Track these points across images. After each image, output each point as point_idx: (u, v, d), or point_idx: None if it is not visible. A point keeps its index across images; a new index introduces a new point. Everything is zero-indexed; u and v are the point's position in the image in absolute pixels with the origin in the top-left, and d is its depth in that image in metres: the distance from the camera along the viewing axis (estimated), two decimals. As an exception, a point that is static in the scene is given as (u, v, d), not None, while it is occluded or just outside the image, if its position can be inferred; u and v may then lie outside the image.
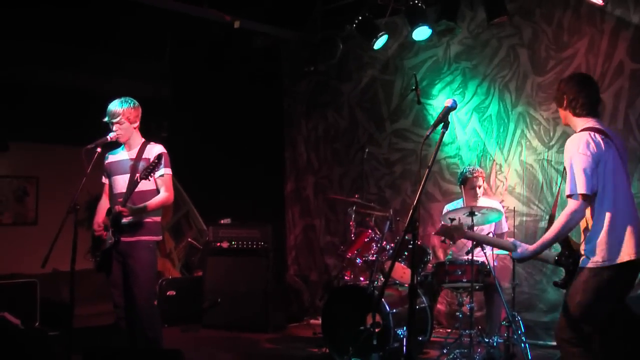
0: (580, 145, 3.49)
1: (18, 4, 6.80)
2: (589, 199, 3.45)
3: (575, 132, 3.63)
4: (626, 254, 3.42)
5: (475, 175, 5.91)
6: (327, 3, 7.62)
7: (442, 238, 4.94)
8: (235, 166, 8.37)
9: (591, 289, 3.46)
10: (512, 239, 3.88)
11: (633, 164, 5.79)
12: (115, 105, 4.77)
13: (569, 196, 3.47)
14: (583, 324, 3.49)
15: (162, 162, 4.69)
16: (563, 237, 3.63)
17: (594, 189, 3.46)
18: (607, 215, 3.46)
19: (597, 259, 3.47)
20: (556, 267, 3.89)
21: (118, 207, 4.58)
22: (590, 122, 3.62)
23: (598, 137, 3.50)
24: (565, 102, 3.69)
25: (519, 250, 3.72)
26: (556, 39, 6.42)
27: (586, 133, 3.53)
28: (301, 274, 8.36)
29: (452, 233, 4.51)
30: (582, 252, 3.55)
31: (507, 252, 5.23)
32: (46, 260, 4.33)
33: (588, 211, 3.53)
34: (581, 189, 3.43)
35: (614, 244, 3.43)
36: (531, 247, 3.66)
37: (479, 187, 5.94)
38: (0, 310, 5.96)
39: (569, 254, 3.73)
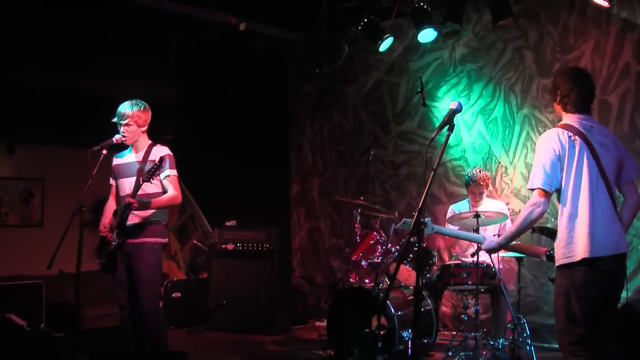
0: (544, 141, 3.52)
1: (24, 5, 6.82)
2: (548, 194, 3.46)
3: None
4: (582, 251, 3.37)
5: (477, 182, 5.89)
6: (332, 5, 7.62)
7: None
8: (241, 168, 8.37)
9: (563, 289, 3.43)
10: (482, 232, 3.93)
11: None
12: (125, 107, 4.77)
13: (531, 190, 3.52)
14: (569, 326, 3.40)
15: (166, 164, 4.70)
16: (525, 230, 3.63)
17: (555, 185, 3.47)
18: (566, 213, 3.46)
19: (559, 257, 3.47)
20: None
21: (128, 199, 4.57)
22: (571, 119, 3.57)
23: (566, 134, 3.48)
24: (558, 97, 3.66)
25: (486, 242, 3.83)
26: (562, 41, 6.41)
27: (555, 130, 3.54)
28: (306, 276, 8.36)
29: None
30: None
31: (517, 254, 5.27)
32: (52, 261, 4.35)
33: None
34: (538, 183, 3.46)
35: (572, 242, 3.41)
36: (497, 240, 3.79)
37: (481, 194, 5.94)
38: (6, 311, 5.98)
39: None
